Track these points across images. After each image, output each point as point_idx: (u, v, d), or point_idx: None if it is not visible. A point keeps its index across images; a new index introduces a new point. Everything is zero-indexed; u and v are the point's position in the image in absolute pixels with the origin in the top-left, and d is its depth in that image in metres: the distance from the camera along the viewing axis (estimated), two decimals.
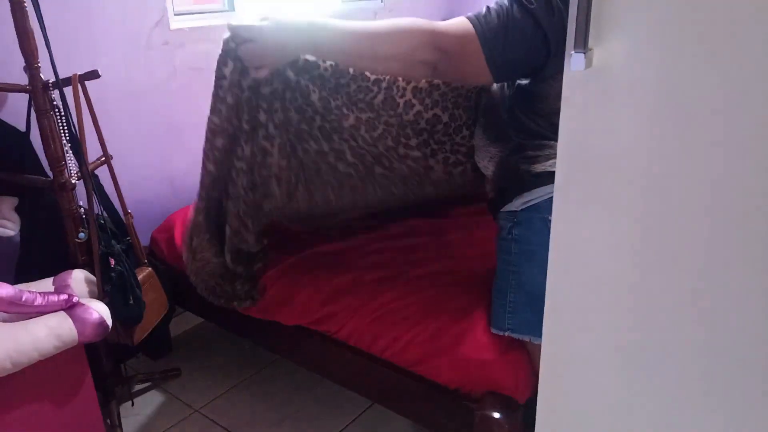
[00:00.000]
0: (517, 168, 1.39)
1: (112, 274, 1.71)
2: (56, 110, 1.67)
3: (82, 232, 1.76)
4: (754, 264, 0.77)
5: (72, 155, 1.73)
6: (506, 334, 1.42)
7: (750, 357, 0.81)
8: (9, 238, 1.78)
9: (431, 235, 1.97)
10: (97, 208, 1.77)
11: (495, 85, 1.49)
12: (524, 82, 1.36)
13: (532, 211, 1.35)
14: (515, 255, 1.39)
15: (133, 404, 2.04)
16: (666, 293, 0.85)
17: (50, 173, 1.73)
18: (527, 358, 1.45)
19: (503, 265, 1.44)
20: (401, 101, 1.47)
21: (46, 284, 1.65)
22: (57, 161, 1.70)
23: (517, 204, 1.39)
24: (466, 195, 1.94)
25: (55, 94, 1.67)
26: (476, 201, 2.27)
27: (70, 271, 1.72)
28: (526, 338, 1.40)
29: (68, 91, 1.68)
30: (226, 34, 1.36)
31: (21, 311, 1.48)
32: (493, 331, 1.45)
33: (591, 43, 0.79)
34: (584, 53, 0.79)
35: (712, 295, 0.81)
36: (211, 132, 1.48)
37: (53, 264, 1.76)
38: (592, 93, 0.82)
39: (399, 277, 1.72)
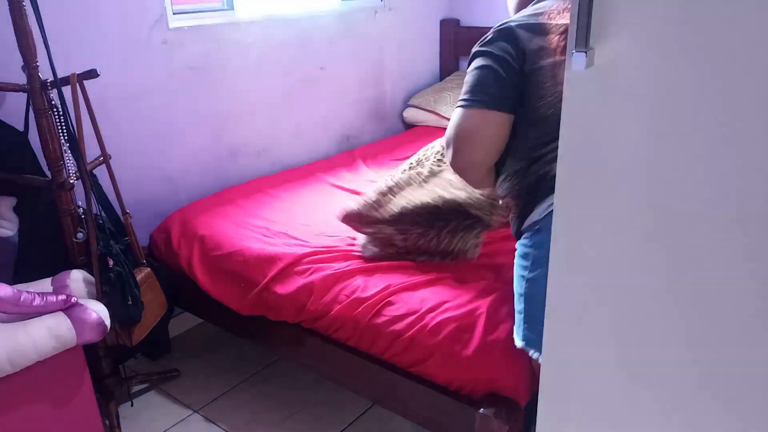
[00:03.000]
0: (538, 175, 1.32)
1: (111, 275, 1.70)
2: (55, 110, 1.67)
3: (81, 232, 1.75)
4: (755, 265, 0.76)
5: (70, 155, 1.72)
6: (521, 347, 1.36)
7: (751, 361, 0.80)
8: (7, 238, 1.77)
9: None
10: (95, 208, 1.76)
11: None
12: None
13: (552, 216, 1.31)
14: (532, 263, 1.33)
15: (132, 405, 2.03)
16: (667, 295, 0.84)
17: (49, 173, 1.73)
18: (529, 361, 1.44)
19: (520, 272, 1.38)
20: None
21: (45, 284, 1.65)
22: (55, 161, 1.69)
23: (538, 212, 1.33)
24: None
25: (54, 93, 1.66)
26: None
27: (68, 271, 1.71)
28: (538, 355, 1.31)
29: (67, 90, 1.67)
30: None
31: (19, 312, 1.48)
32: (516, 342, 1.39)
33: (592, 42, 0.79)
34: (585, 52, 0.78)
35: (713, 297, 0.81)
36: None
37: (52, 264, 1.76)
38: (593, 92, 0.82)
39: (400, 278, 1.71)
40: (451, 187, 1.76)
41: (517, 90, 1.29)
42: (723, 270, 0.79)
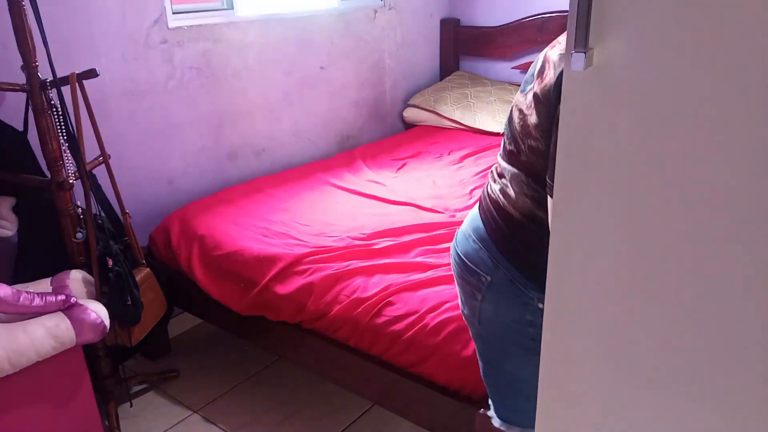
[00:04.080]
0: None
1: (110, 275, 1.70)
2: (54, 109, 1.67)
3: (80, 232, 1.75)
4: (753, 265, 0.76)
5: (70, 155, 1.72)
6: (500, 427, 1.27)
7: (748, 359, 0.80)
8: (7, 238, 1.77)
9: (433, 240, 1.97)
10: (94, 208, 1.76)
11: None
12: None
13: None
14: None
15: (131, 405, 2.03)
16: (665, 295, 0.84)
17: (48, 173, 1.72)
18: None
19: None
20: None
21: (44, 285, 1.65)
22: (55, 161, 1.69)
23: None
24: None
25: (53, 93, 1.66)
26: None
27: (67, 271, 1.71)
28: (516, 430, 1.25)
29: (66, 90, 1.67)
30: None
31: (19, 312, 1.47)
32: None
33: (591, 42, 0.79)
34: (584, 53, 0.78)
35: (711, 296, 0.81)
36: None
37: (51, 264, 1.76)
38: (591, 93, 0.82)
39: (400, 278, 1.71)
40: None
41: None
42: (723, 270, 0.79)
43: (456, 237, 1.27)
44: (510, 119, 1.14)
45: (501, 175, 1.17)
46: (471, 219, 1.24)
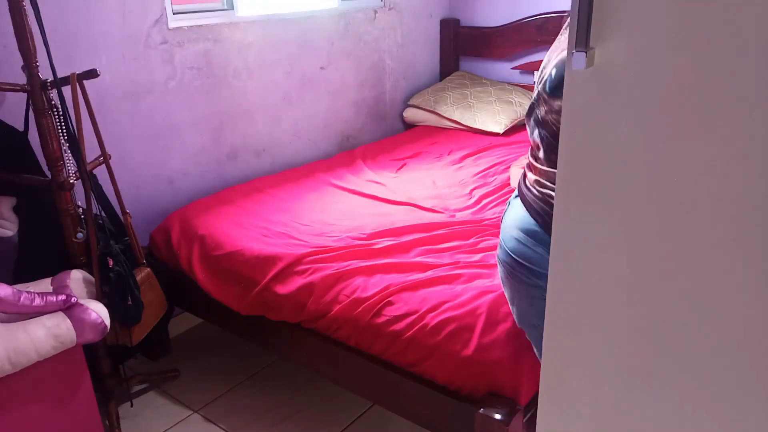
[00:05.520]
0: None
1: (111, 275, 1.70)
2: (55, 109, 1.67)
3: (81, 232, 1.76)
4: (754, 265, 0.77)
5: (70, 155, 1.73)
6: None
7: (750, 358, 0.81)
8: (7, 238, 1.77)
9: (433, 239, 1.97)
10: (95, 208, 1.76)
11: None
12: None
13: None
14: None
15: (132, 405, 2.03)
16: (666, 295, 0.84)
17: (49, 173, 1.73)
18: (529, 360, 1.44)
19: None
20: None
21: (45, 284, 1.65)
22: (55, 161, 1.69)
23: None
24: None
25: (54, 93, 1.66)
26: (474, 206, 2.27)
27: (68, 271, 1.71)
28: None
29: (67, 90, 1.67)
30: None
31: (19, 312, 1.48)
32: None
33: (592, 42, 0.79)
34: (585, 52, 0.78)
35: (712, 296, 0.81)
36: None
37: (52, 264, 1.76)
38: (593, 92, 0.82)
39: (400, 278, 1.71)
40: None
41: None
42: (724, 269, 0.79)
43: (511, 250, 1.32)
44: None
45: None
46: (520, 221, 1.29)
